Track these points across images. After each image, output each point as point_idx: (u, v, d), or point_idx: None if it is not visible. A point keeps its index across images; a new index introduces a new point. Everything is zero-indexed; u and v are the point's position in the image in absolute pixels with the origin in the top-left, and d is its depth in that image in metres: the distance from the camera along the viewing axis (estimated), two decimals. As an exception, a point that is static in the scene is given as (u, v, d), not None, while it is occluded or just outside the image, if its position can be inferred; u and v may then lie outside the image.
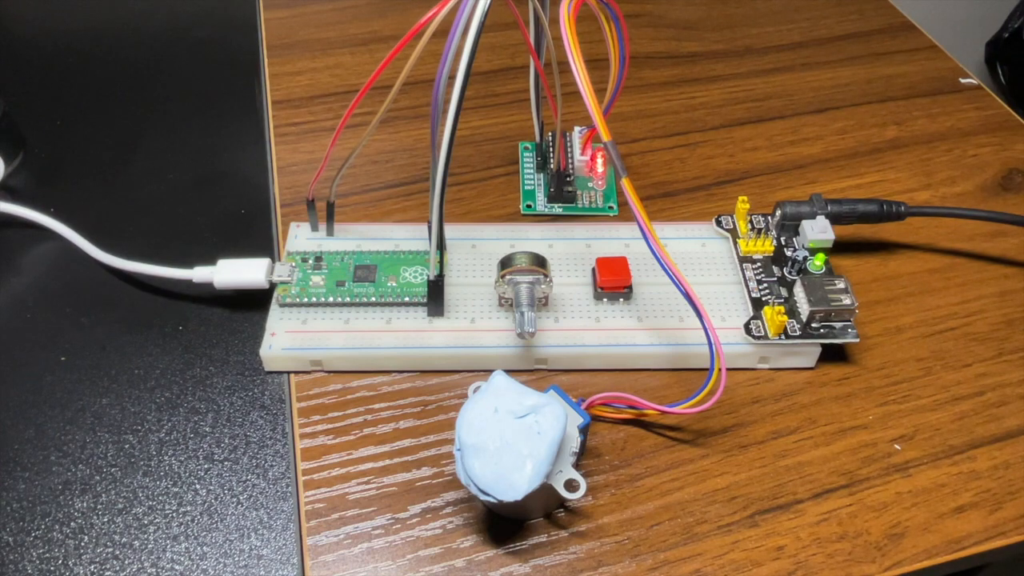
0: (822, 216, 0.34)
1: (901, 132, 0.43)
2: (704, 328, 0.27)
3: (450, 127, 0.26)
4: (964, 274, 0.36)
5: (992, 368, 0.32)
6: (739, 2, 0.53)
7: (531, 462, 0.24)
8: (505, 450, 0.24)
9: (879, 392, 0.31)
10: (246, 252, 0.33)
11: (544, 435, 0.24)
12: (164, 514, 0.28)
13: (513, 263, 0.30)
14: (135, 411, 0.30)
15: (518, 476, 0.24)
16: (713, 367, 0.28)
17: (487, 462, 0.24)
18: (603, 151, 0.38)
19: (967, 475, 0.29)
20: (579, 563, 0.26)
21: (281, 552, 0.27)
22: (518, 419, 0.25)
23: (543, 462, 0.24)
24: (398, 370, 0.31)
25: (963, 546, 0.27)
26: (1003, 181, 0.41)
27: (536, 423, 0.25)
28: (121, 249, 0.34)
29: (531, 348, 0.31)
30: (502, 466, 0.24)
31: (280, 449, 0.29)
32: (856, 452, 0.30)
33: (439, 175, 0.27)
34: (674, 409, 0.28)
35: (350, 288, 0.32)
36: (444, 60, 0.26)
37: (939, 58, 0.49)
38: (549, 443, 0.24)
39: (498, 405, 0.25)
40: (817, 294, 0.31)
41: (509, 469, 0.24)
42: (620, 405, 0.29)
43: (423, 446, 0.29)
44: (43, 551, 0.26)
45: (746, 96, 0.45)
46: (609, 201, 0.38)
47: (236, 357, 0.32)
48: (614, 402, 0.29)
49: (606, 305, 0.32)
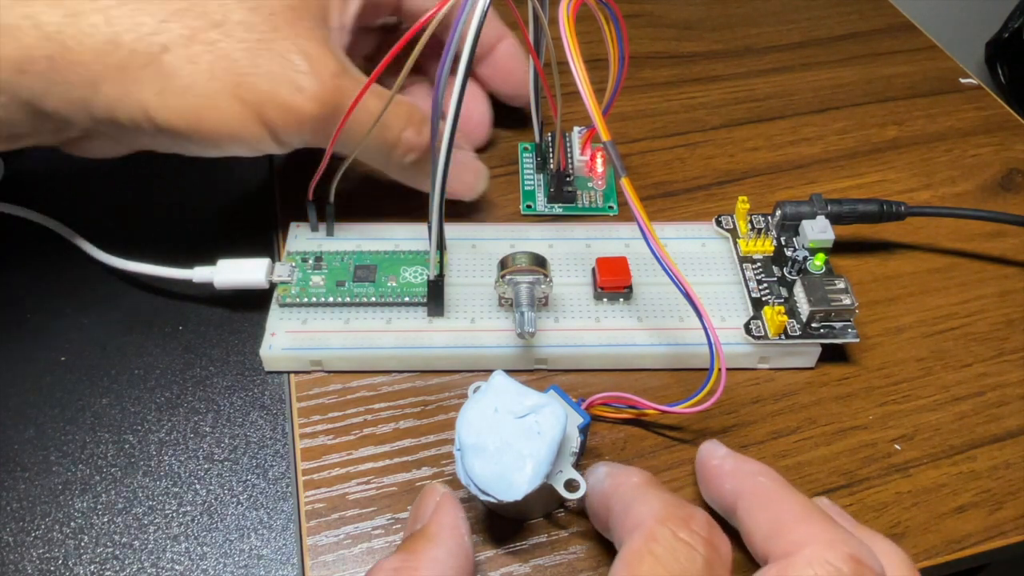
0: (822, 216, 0.34)
1: (901, 132, 0.43)
2: (704, 328, 0.27)
3: (449, 127, 0.26)
4: (964, 274, 0.36)
5: (992, 368, 0.32)
6: (739, 2, 0.53)
7: (531, 462, 0.24)
8: (505, 450, 0.24)
9: (879, 392, 0.31)
10: (246, 252, 0.33)
11: (544, 435, 0.24)
12: (164, 514, 0.28)
13: (513, 263, 0.30)
14: (135, 411, 0.30)
15: (518, 476, 0.24)
16: (713, 367, 0.28)
17: (487, 462, 0.24)
18: (603, 151, 0.38)
19: (967, 475, 0.29)
20: (579, 563, 0.26)
21: (281, 552, 0.27)
22: (518, 419, 0.25)
23: (543, 462, 0.24)
24: (398, 370, 0.31)
25: (963, 546, 0.27)
26: (1003, 181, 0.41)
27: (536, 423, 0.25)
28: (121, 249, 0.34)
29: (531, 348, 0.31)
30: (502, 466, 0.24)
31: (280, 449, 0.29)
32: (856, 452, 0.30)
33: (439, 175, 0.27)
34: (674, 409, 0.28)
35: (350, 288, 0.32)
36: (443, 61, 0.26)
37: (939, 58, 0.49)
38: (549, 443, 0.24)
39: (498, 405, 0.25)
40: (817, 294, 0.31)
41: (509, 469, 0.24)
42: (620, 405, 0.29)
43: (423, 446, 0.29)
44: (43, 551, 0.26)
45: (746, 96, 0.45)
46: (609, 201, 0.38)
47: (236, 357, 0.32)
48: (614, 402, 0.29)
49: (606, 305, 0.32)
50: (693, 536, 0.21)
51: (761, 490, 0.24)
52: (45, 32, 0.25)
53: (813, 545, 0.21)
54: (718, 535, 0.22)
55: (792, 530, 0.22)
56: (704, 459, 0.26)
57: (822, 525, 0.22)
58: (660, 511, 0.22)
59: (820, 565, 0.21)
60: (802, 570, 0.21)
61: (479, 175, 0.36)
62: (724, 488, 0.25)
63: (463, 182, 0.35)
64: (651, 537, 0.21)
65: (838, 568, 0.21)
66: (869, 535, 0.24)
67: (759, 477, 0.24)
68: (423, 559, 0.22)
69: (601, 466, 0.25)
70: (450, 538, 0.22)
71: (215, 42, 0.26)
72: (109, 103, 0.26)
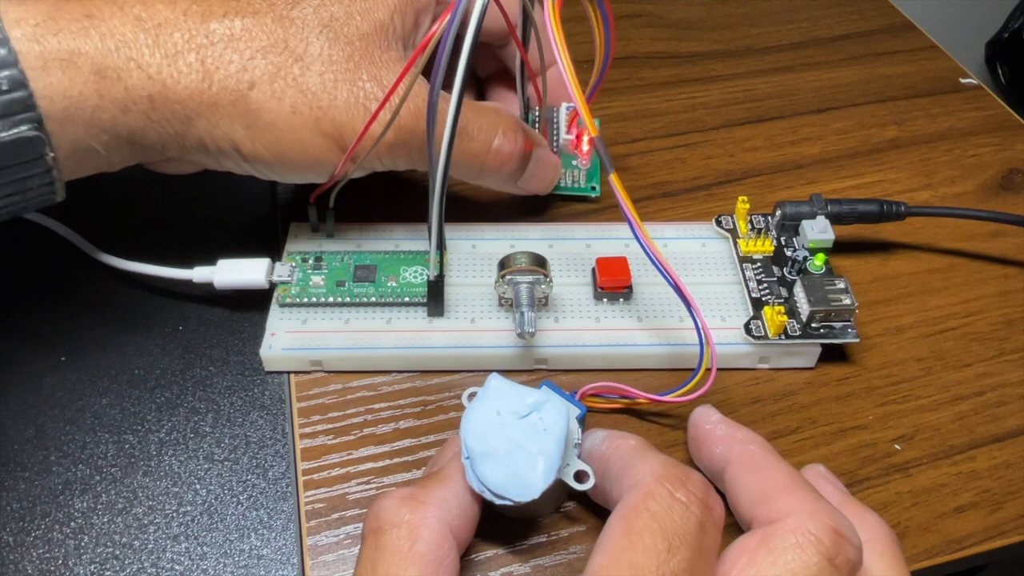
0: (822, 216, 0.34)
1: (901, 132, 0.43)
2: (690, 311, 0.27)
3: (449, 126, 0.26)
4: (964, 274, 0.36)
5: (992, 368, 0.32)
6: (739, 2, 0.53)
7: (542, 459, 0.24)
8: (514, 451, 0.24)
9: (879, 392, 0.31)
10: (246, 252, 0.33)
11: (550, 431, 0.24)
12: (164, 514, 0.28)
13: (513, 263, 0.30)
14: (135, 411, 0.30)
15: (532, 475, 0.24)
16: (703, 348, 0.28)
17: (498, 466, 0.24)
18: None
19: (967, 475, 0.29)
20: (579, 563, 0.27)
21: (281, 552, 0.27)
22: (521, 419, 0.25)
23: (554, 456, 0.24)
24: (398, 370, 0.31)
25: (963, 546, 0.27)
26: (1003, 181, 0.41)
27: (540, 420, 0.25)
28: (121, 249, 0.34)
29: (531, 348, 0.31)
30: (514, 468, 0.24)
31: (280, 449, 0.29)
32: (856, 452, 0.30)
33: (439, 175, 0.27)
34: (666, 398, 0.29)
35: (350, 288, 0.32)
36: (439, 63, 0.26)
37: (939, 58, 0.49)
38: (556, 438, 0.24)
39: (499, 408, 0.25)
40: (817, 294, 0.31)
41: (522, 469, 0.24)
42: (612, 395, 0.30)
43: (423, 446, 0.29)
44: (43, 551, 0.26)
45: (746, 96, 0.45)
46: (592, 181, 0.38)
47: (236, 357, 0.32)
48: (605, 392, 0.29)
49: (606, 305, 0.32)
50: (689, 496, 0.22)
51: (750, 457, 0.25)
52: (147, 73, 0.26)
53: (796, 515, 0.22)
54: (713, 497, 0.23)
55: (777, 498, 0.23)
56: (697, 423, 0.27)
57: (806, 496, 0.23)
58: (658, 470, 0.23)
59: (802, 534, 0.21)
60: (784, 537, 0.22)
61: (556, 170, 0.36)
62: (715, 452, 0.26)
63: (541, 179, 0.35)
64: (648, 494, 0.22)
65: (818, 538, 0.21)
66: (859, 509, 0.25)
67: (749, 445, 0.25)
68: (431, 495, 0.23)
69: (598, 431, 0.26)
70: (460, 483, 0.24)
71: (297, 77, 0.28)
72: (201, 136, 0.28)
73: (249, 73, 0.27)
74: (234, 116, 0.28)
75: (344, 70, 0.28)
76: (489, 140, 0.31)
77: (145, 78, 0.26)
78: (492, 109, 0.32)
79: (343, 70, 0.28)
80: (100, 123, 0.26)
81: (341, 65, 0.28)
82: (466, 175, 0.33)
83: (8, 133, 0.24)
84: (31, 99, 0.25)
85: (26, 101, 0.24)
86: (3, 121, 0.24)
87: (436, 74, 0.26)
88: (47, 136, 0.25)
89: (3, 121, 0.24)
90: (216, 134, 0.28)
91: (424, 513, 0.23)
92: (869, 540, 0.23)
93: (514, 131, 0.32)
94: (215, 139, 0.28)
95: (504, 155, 0.32)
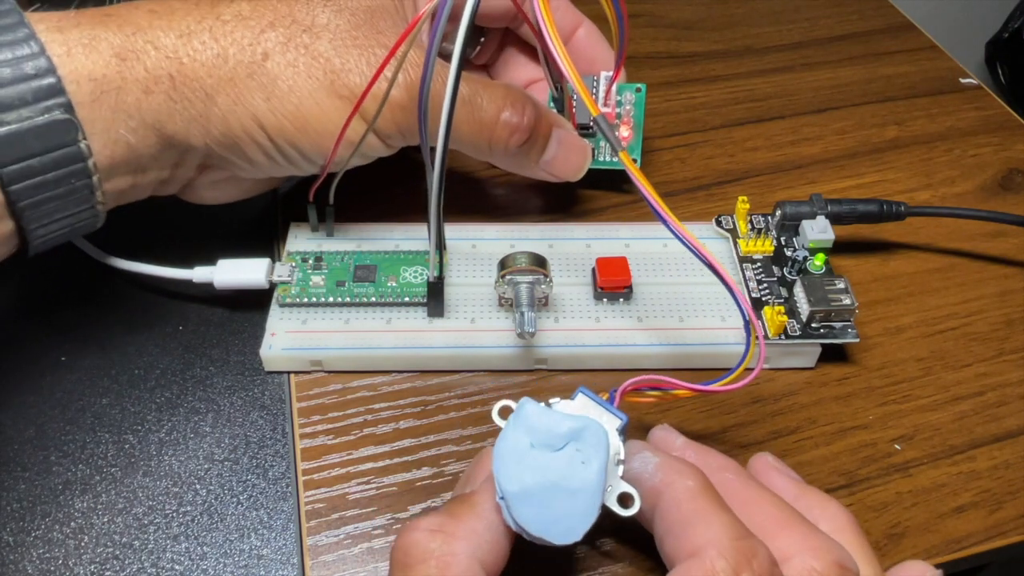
0: (822, 216, 0.34)
1: (901, 132, 0.43)
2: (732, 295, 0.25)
3: (445, 125, 0.26)
4: (964, 274, 0.36)
5: (992, 368, 0.32)
6: (739, 2, 0.53)
7: (583, 498, 0.22)
8: (553, 492, 0.22)
9: (879, 392, 0.31)
10: (246, 252, 0.33)
11: (589, 464, 0.22)
12: (164, 514, 0.28)
13: (513, 263, 0.30)
14: (135, 411, 0.30)
15: (573, 519, 0.22)
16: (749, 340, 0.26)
17: (536, 508, 0.22)
18: None
19: (967, 475, 0.29)
20: (579, 563, 0.26)
21: (281, 552, 0.27)
22: (556, 452, 0.22)
23: (595, 494, 0.22)
24: (398, 370, 0.31)
25: (963, 546, 0.27)
26: (1003, 181, 0.41)
27: (578, 452, 0.22)
28: (121, 249, 0.34)
29: (531, 348, 0.31)
30: (553, 510, 0.22)
31: (280, 449, 0.29)
32: (856, 452, 0.30)
33: (435, 175, 0.27)
34: (711, 387, 0.26)
35: (350, 288, 0.32)
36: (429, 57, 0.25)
37: (939, 58, 0.49)
38: (597, 472, 0.22)
39: (533, 440, 0.23)
40: (817, 294, 0.31)
41: (562, 513, 0.22)
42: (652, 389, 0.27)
43: (423, 446, 0.29)
44: (43, 551, 0.26)
45: (746, 96, 0.45)
46: (633, 154, 0.37)
47: (236, 357, 0.32)
48: (645, 386, 0.27)
49: (606, 305, 0.32)
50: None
51: (730, 487, 0.24)
52: (164, 53, 0.27)
53: (801, 556, 0.22)
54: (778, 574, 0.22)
55: (775, 536, 0.22)
56: (661, 447, 0.25)
57: (803, 531, 0.23)
58: (722, 540, 0.21)
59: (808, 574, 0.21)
60: None
61: (583, 153, 0.35)
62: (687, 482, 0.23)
63: (570, 163, 0.34)
64: (711, 573, 0.21)
65: None
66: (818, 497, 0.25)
67: (726, 473, 0.24)
68: (461, 527, 0.22)
69: (646, 451, 0.24)
70: (492, 514, 0.22)
71: (308, 45, 0.29)
72: (225, 116, 0.28)
73: (262, 45, 0.28)
74: (253, 89, 0.28)
75: (352, 37, 0.29)
76: (497, 111, 0.31)
77: (163, 58, 0.27)
78: (502, 85, 0.32)
79: (351, 37, 0.29)
80: (125, 107, 0.27)
81: (348, 33, 0.29)
82: (477, 150, 0.33)
83: (42, 118, 0.25)
84: (59, 84, 0.25)
85: (55, 86, 0.25)
86: (35, 106, 0.25)
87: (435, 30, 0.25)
88: (79, 122, 0.26)
89: (35, 106, 0.25)
90: (239, 111, 0.28)
91: (454, 548, 0.21)
92: (836, 530, 0.23)
93: (522, 103, 0.32)
94: (238, 117, 0.29)
95: (512, 125, 0.32)
